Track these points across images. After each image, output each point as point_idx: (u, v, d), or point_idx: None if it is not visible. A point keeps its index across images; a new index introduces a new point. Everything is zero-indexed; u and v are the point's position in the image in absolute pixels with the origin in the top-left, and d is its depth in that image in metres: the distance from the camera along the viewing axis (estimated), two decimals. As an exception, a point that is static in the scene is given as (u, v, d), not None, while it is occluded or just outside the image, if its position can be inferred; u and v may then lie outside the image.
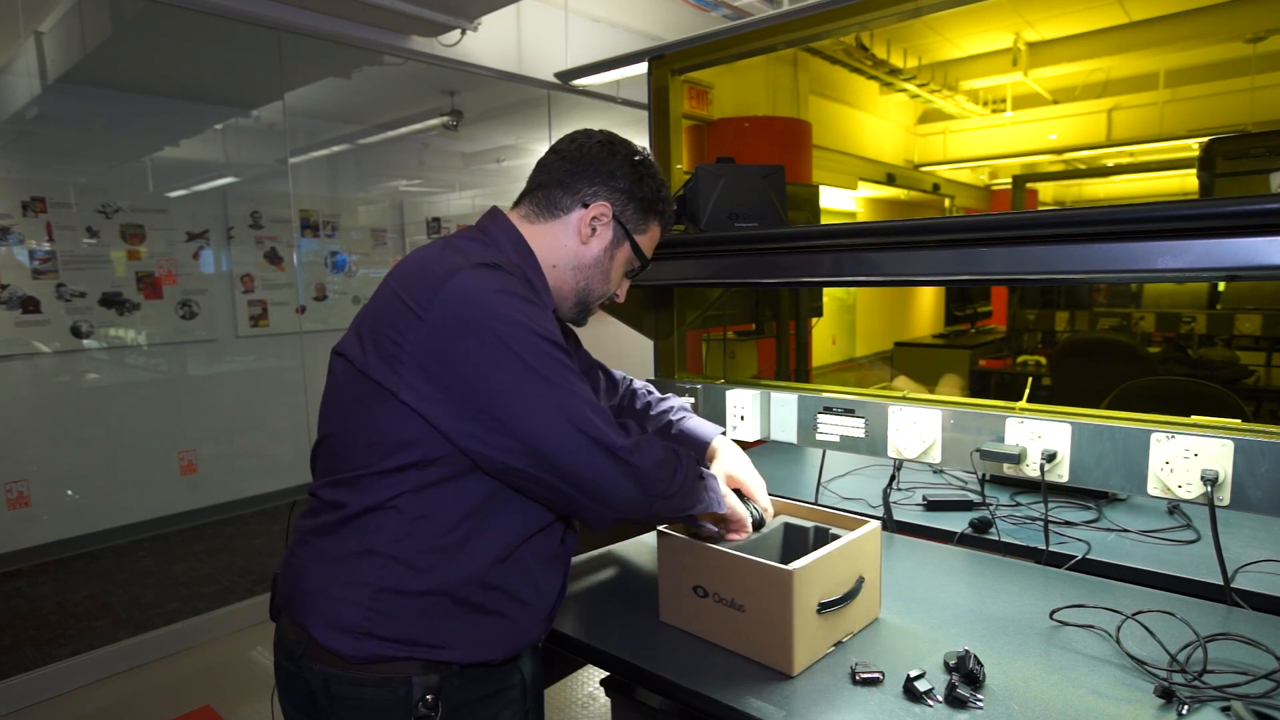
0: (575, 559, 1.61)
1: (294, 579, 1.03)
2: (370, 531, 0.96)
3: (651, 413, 1.40)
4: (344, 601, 0.96)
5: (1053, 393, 4.05)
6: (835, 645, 1.17)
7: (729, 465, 1.31)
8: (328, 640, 0.96)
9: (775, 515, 1.38)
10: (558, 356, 0.96)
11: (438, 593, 0.97)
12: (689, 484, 1.10)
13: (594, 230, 1.11)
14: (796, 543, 1.31)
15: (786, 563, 1.09)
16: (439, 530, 0.97)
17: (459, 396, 0.93)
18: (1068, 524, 1.68)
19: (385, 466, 0.96)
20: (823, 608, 1.12)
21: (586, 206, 1.10)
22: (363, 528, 0.97)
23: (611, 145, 1.13)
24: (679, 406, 1.41)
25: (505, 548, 1.01)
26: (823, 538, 1.24)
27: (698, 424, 1.38)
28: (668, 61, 2.15)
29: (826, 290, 5.92)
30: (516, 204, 1.16)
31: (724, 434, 1.38)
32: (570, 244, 1.11)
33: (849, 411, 1.73)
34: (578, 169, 1.11)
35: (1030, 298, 5.22)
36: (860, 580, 1.19)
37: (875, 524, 1.24)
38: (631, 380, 1.47)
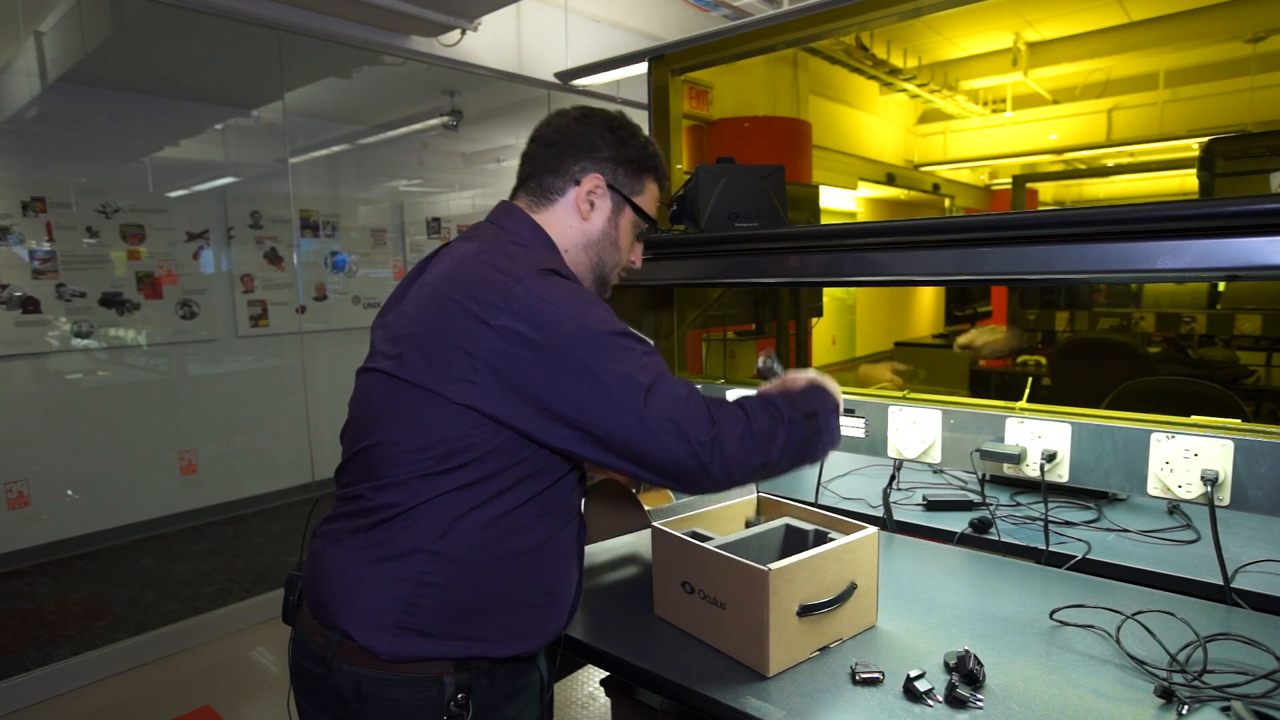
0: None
1: (326, 580, 1.01)
2: (415, 529, 0.96)
3: None
4: (385, 598, 0.96)
5: (1053, 393, 4.05)
6: (820, 650, 1.16)
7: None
8: (365, 638, 0.96)
9: (780, 516, 1.38)
10: (628, 346, 0.95)
11: (479, 587, 0.98)
12: (794, 442, 1.03)
13: (592, 205, 1.12)
14: (796, 545, 1.31)
15: None
16: (484, 526, 0.97)
17: (541, 402, 0.94)
18: (1068, 524, 1.68)
19: (439, 469, 0.96)
20: (805, 611, 1.12)
21: (579, 184, 1.11)
22: (408, 526, 0.97)
23: (587, 118, 1.13)
24: None
25: (542, 539, 1.03)
26: (822, 541, 1.24)
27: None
28: (668, 61, 2.15)
29: (826, 290, 5.92)
30: (512, 199, 1.16)
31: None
32: (574, 224, 1.12)
33: (849, 411, 1.73)
34: (560, 150, 1.11)
35: (1030, 298, 5.22)
36: (852, 586, 1.18)
37: (873, 530, 1.23)
38: None
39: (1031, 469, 1.48)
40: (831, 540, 1.21)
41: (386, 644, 0.95)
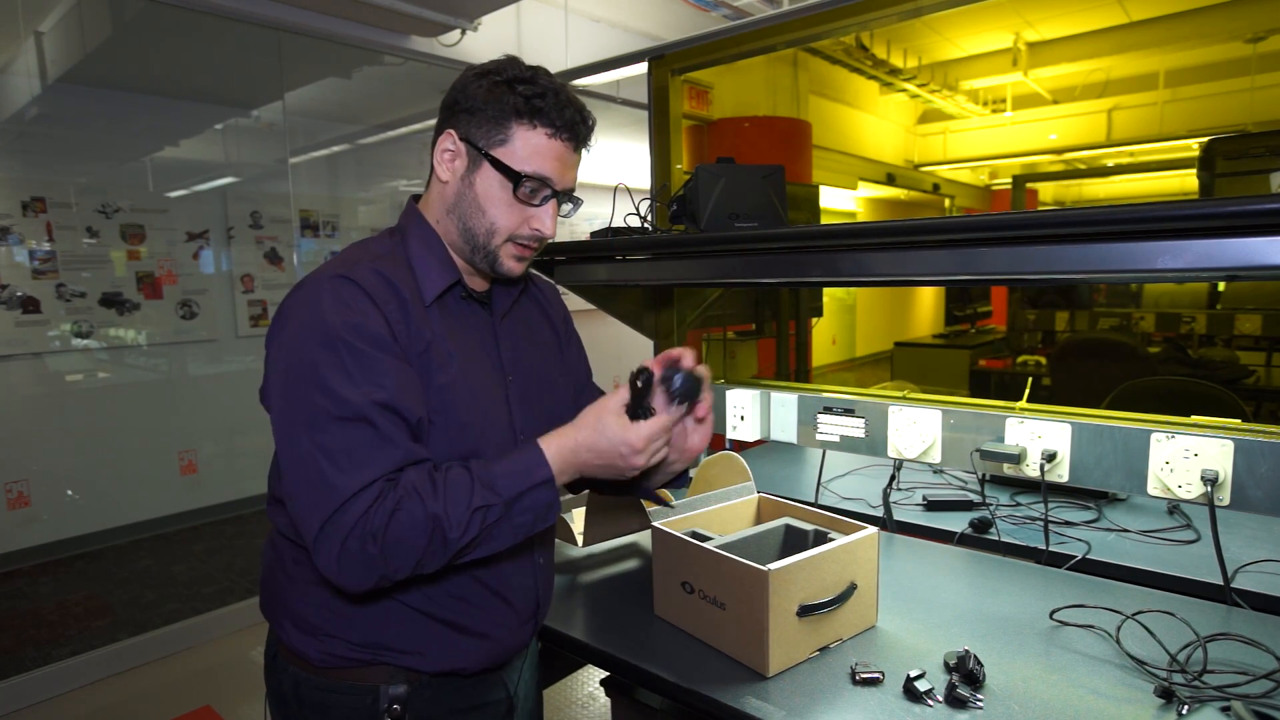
0: (575, 553, 1.61)
1: (264, 580, 1.05)
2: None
3: None
4: (306, 603, 0.97)
5: (1053, 393, 4.05)
6: (820, 650, 1.16)
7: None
8: (293, 642, 0.97)
9: (780, 516, 1.38)
10: (326, 387, 0.86)
11: (390, 600, 0.96)
12: (447, 547, 0.87)
13: (452, 165, 1.00)
14: (796, 545, 1.31)
15: None
16: None
17: (268, 385, 0.93)
18: (1068, 524, 1.68)
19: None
20: (804, 611, 1.12)
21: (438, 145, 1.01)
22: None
23: (464, 74, 1.01)
24: None
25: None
26: (822, 541, 1.24)
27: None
28: (668, 61, 2.15)
29: (826, 290, 5.91)
30: None
31: None
32: (439, 189, 1.02)
33: (849, 411, 1.73)
34: (440, 113, 1.02)
35: (1030, 298, 5.22)
36: (852, 586, 1.18)
37: (872, 530, 1.23)
38: None
39: (1031, 469, 1.47)
40: (831, 540, 1.21)
41: (315, 649, 0.96)
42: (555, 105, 0.96)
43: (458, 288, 1.02)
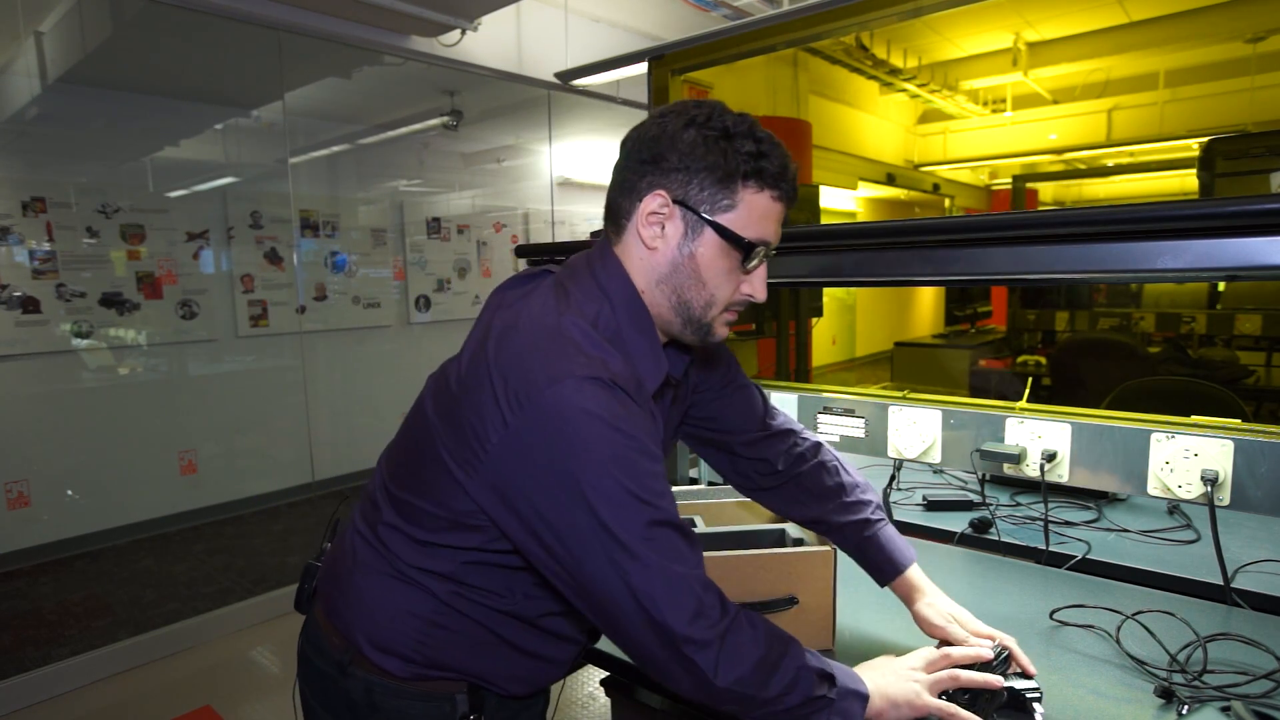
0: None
1: (343, 591, 1.00)
2: (429, 577, 0.95)
3: (846, 499, 1.14)
4: (395, 628, 0.96)
5: (1053, 393, 4.05)
6: None
7: (938, 603, 1.11)
8: (378, 659, 0.96)
9: (787, 522, 1.37)
10: (641, 508, 0.81)
11: (488, 635, 0.98)
12: (799, 701, 0.86)
13: (661, 229, 0.89)
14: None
15: None
16: (494, 591, 0.96)
17: (528, 522, 0.84)
18: (1068, 524, 1.68)
19: (450, 527, 0.92)
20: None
21: (640, 204, 0.90)
22: (422, 573, 0.95)
23: (664, 117, 0.90)
24: (876, 505, 1.16)
25: (556, 597, 0.98)
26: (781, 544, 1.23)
27: (892, 539, 1.13)
28: (668, 61, 2.16)
29: (826, 290, 5.92)
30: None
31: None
32: (643, 255, 0.91)
33: (849, 411, 1.73)
34: (630, 160, 0.90)
35: (1030, 298, 5.22)
36: (790, 600, 1.14)
37: (825, 548, 1.17)
38: (818, 443, 1.19)
39: (1031, 469, 1.48)
40: (797, 541, 1.21)
41: (398, 668, 0.96)
42: (779, 164, 0.89)
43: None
